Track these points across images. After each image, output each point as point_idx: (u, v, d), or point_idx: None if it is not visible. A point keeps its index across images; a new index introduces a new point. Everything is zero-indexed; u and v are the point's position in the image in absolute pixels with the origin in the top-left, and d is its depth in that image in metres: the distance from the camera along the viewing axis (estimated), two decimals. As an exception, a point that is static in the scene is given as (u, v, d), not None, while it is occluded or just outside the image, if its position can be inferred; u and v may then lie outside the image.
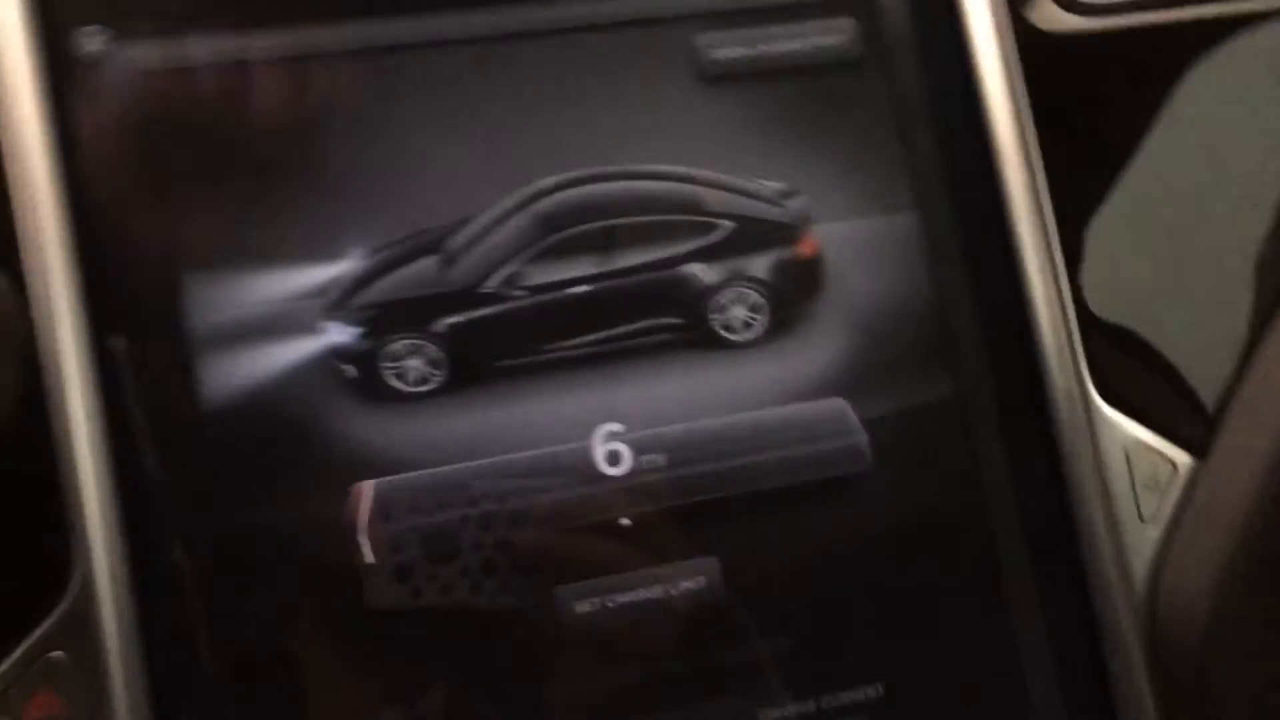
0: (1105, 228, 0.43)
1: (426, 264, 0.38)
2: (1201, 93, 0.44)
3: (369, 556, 0.36)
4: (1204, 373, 0.43)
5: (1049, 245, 0.41)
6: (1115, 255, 0.43)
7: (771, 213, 0.40)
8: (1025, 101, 0.41)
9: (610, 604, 0.38)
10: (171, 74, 0.36)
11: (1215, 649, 0.39)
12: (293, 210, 0.37)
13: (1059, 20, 0.42)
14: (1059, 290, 0.41)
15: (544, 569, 0.37)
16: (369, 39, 0.38)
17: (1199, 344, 0.44)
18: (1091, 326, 0.42)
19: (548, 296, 0.38)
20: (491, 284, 0.38)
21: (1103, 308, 0.43)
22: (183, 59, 0.36)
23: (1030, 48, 0.41)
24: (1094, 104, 0.43)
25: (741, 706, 0.38)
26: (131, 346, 0.35)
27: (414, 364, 0.37)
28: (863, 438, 0.40)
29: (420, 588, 0.36)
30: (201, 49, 0.36)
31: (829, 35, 0.41)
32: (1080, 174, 0.43)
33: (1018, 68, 0.41)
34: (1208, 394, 0.43)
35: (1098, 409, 0.41)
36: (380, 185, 0.37)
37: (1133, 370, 0.43)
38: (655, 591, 0.38)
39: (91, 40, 0.36)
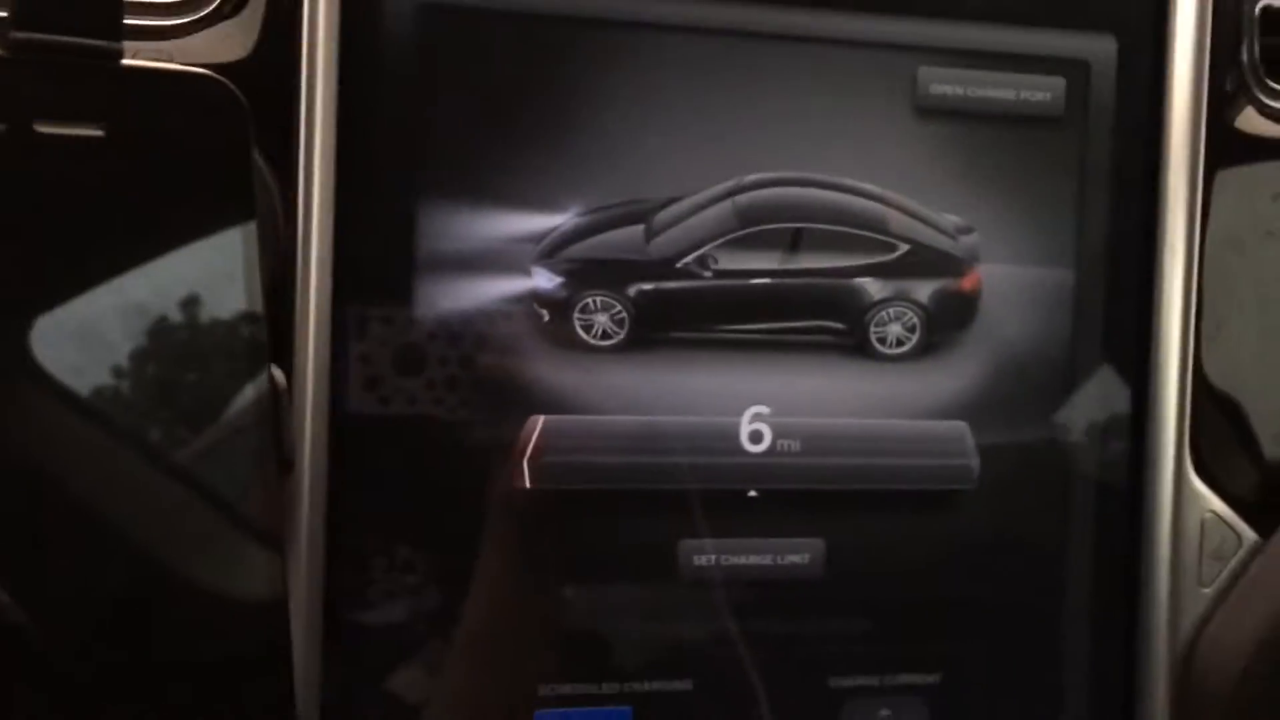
0: (1238, 313, 0.46)
1: (632, 232, 0.41)
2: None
3: (528, 483, 0.40)
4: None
5: (1188, 324, 0.44)
6: (1241, 338, 0.46)
7: (946, 244, 0.43)
8: (1202, 190, 0.44)
9: (724, 562, 0.42)
10: (452, 11, 0.39)
11: (1241, 706, 0.44)
12: (529, 160, 0.40)
13: (1258, 126, 0.44)
14: (1185, 368, 0.44)
15: (674, 522, 0.42)
16: (636, 12, 0.40)
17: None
18: (1204, 401, 0.45)
19: (731, 283, 0.42)
20: (685, 262, 0.41)
21: (1218, 385, 0.46)
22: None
23: (1223, 142, 0.43)
24: (1269, 198, 0.45)
25: (815, 671, 0.43)
26: (364, 256, 0.39)
27: (601, 319, 0.41)
28: (975, 460, 0.44)
29: (564, 513, 0.41)
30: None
31: (1038, 90, 0.43)
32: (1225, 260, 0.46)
33: (1203, 159, 0.43)
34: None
35: (1188, 478, 0.45)
36: (608, 151, 0.40)
37: (1228, 445, 0.46)
38: (764, 559, 0.43)
39: (381, -34, 0.38)
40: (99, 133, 0.27)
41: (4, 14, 0.27)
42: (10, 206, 0.26)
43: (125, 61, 0.28)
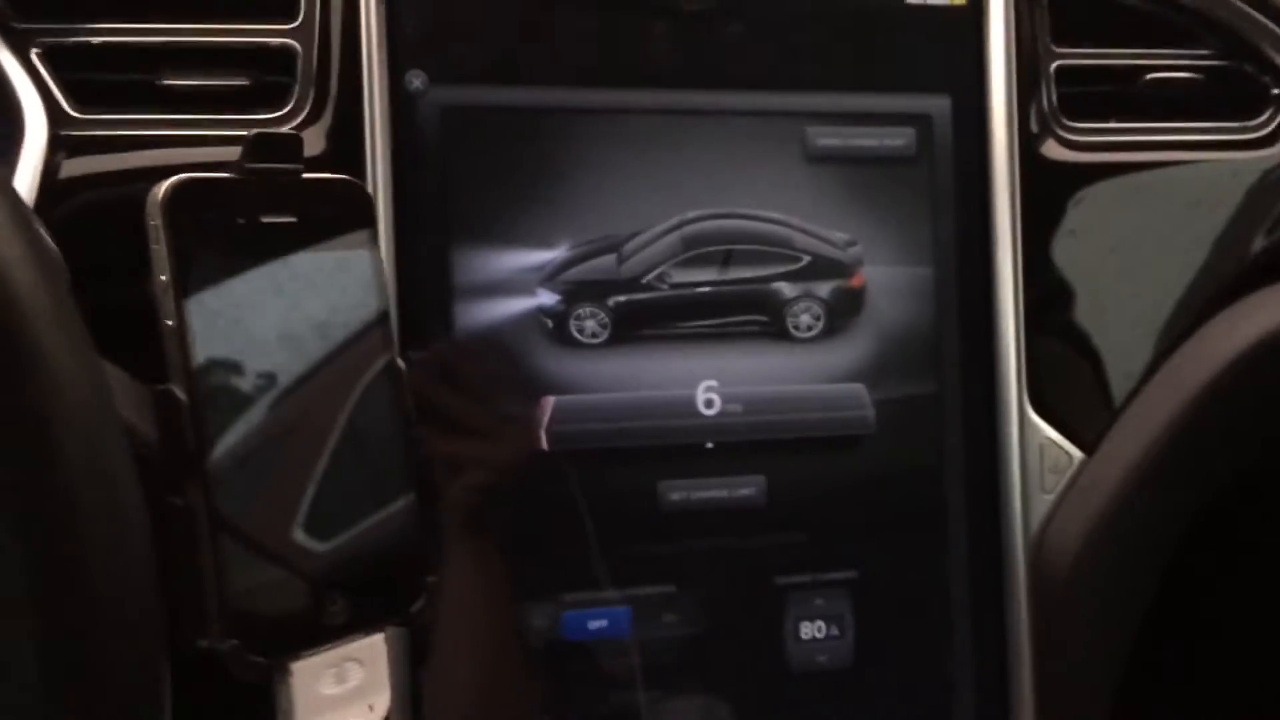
0: (1062, 291, 0.62)
1: (608, 260, 0.56)
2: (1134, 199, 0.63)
3: (545, 446, 0.56)
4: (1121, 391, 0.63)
5: (1018, 302, 0.60)
6: (1067, 307, 0.62)
7: (837, 254, 0.59)
8: (1020, 203, 0.60)
9: (692, 496, 0.58)
10: (466, 109, 0.54)
11: (1075, 584, 0.60)
12: (532, 213, 0.55)
13: (1059, 153, 0.61)
14: (1019, 333, 0.60)
15: (653, 469, 0.57)
16: (601, 102, 0.56)
17: (1122, 372, 0.63)
18: (1035, 356, 0.61)
19: (683, 292, 0.57)
20: (648, 279, 0.57)
21: (1048, 343, 0.62)
22: (478, 100, 0.54)
23: (1033, 167, 0.60)
24: (1069, 206, 0.62)
25: (765, 573, 0.59)
26: (417, 287, 0.54)
27: (590, 325, 0.56)
28: (871, 412, 0.60)
29: (574, 471, 0.56)
30: (491, 95, 0.55)
31: (895, 138, 0.59)
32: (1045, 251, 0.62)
33: (1019, 180, 0.60)
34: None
35: (1028, 413, 0.61)
36: (587, 201, 0.56)
37: (1059, 387, 0.62)
38: (721, 493, 0.58)
39: (416, 80, 0.54)
40: (293, 219, 0.43)
41: (239, 151, 0.43)
42: (250, 269, 0.41)
43: (303, 175, 0.43)
